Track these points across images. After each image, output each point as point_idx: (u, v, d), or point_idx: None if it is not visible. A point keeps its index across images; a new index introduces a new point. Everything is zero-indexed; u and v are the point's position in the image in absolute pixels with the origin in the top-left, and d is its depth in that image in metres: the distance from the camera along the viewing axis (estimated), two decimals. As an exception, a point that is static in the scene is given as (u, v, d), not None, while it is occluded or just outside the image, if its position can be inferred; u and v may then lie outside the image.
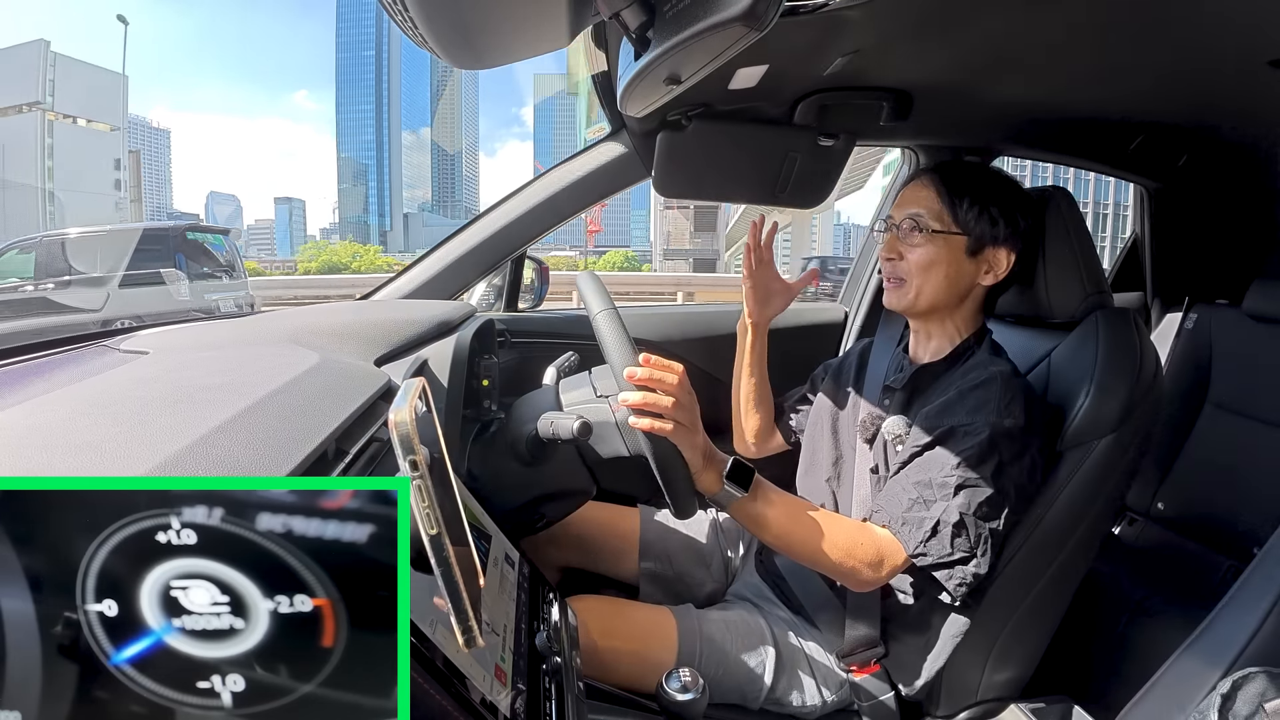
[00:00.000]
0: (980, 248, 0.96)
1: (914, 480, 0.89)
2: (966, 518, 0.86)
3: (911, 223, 0.97)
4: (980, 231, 0.95)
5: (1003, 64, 1.06)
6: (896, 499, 0.89)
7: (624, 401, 0.77)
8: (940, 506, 0.86)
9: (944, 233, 0.95)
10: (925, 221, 0.96)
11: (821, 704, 1.01)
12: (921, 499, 0.87)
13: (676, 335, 1.59)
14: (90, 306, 5.67)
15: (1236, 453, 1.51)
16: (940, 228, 0.96)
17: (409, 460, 0.42)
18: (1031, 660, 1.09)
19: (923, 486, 0.88)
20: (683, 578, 1.21)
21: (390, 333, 0.93)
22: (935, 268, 0.96)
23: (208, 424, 0.47)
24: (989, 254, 0.96)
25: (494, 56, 0.68)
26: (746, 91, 1.11)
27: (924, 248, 0.96)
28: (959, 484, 0.86)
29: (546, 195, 1.40)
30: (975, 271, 0.97)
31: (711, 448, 0.83)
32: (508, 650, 0.63)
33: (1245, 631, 0.70)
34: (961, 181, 0.97)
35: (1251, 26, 0.89)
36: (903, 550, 0.87)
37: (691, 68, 0.61)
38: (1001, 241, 0.96)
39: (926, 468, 0.89)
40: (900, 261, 0.98)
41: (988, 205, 0.95)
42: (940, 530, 0.85)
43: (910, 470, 0.91)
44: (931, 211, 0.96)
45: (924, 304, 0.98)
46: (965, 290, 0.98)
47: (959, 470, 0.86)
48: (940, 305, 0.99)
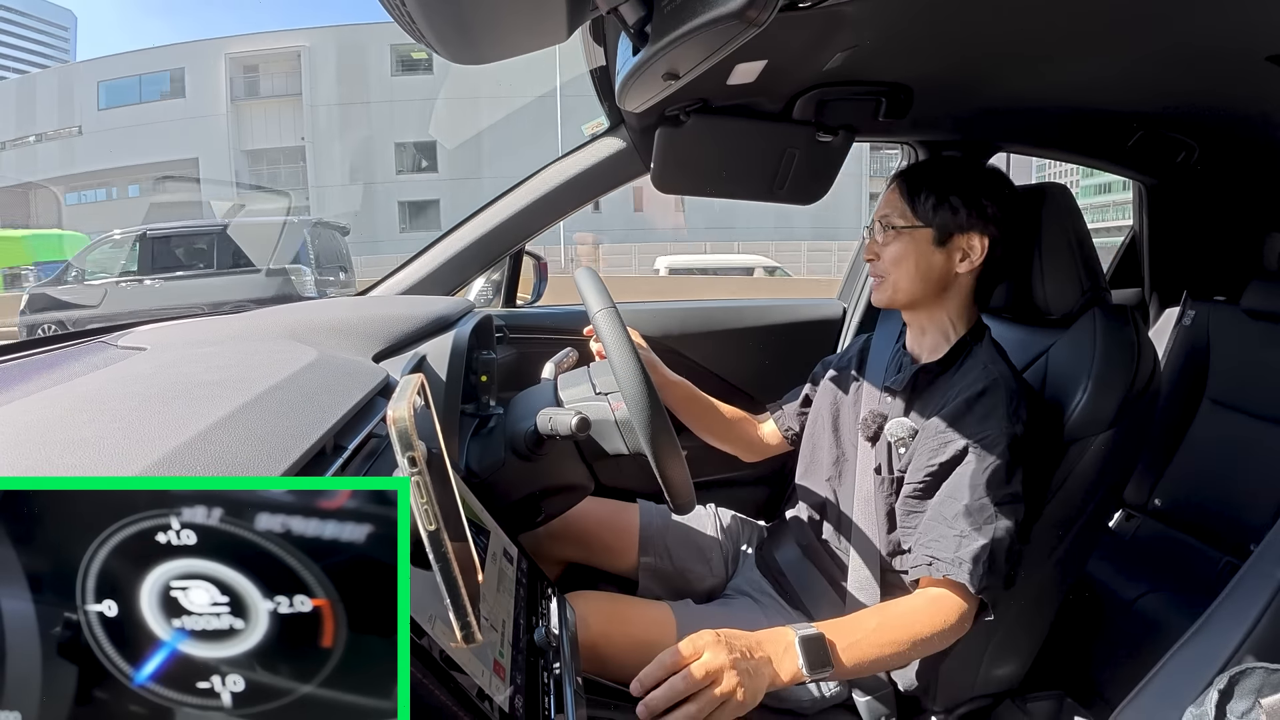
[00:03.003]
0: (947, 237, 0.98)
1: (950, 514, 0.88)
2: (1012, 536, 0.86)
3: (880, 224, 1.02)
4: (942, 221, 0.97)
5: (1001, 59, 1.06)
6: (942, 541, 0.88)
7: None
8: (989, 531, 0.85)
9: (908, 228, 0.99)
10: (891, 220, 1.00)
11: (819, 698, 1.01)
12: (965, 533, 0.86)
13: (676, 331, 1.59)
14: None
15: (1233, 449, 1.51)
16: (904, 224, 0.99)
17: (407, 456, 0.42)
18: (1028, 655, 1.09)
19: (960, 518, 0.87)
20: (682, 573, 1.21)
21: (388, 328, 0.93)
22: (905, 261, 0.99)
23: (205, 420, 0.47)
24: (959, 241, 0.98)
25: (492, 52, 0.68)
26: (745, 87, 1.11)
27: (893, 244, 1.00)
28: (998, 502, 0.86)
29: (545, 191, 1.40)
30: (948, 260, 0.98)
31: (764, 641, 0.79)
32: (507, 645, 0.63)
33: (1242, 627, 0.71)
34: (920, 178, 1.00)
35: (1250, 22, 0.89)
36: (966, 588, 0.85)
37: (690, 63, 0.61)
38: (968, 228, 0.97)
39: (957, 495, 0.88)
40: (878, 261, 1.02)
41: (946, 195, 0.97)
42: (997, 557, 0.85)
43: (941, 504, 0.90)
44: (897, 210, 1.00)
45: (902, 297, 1.01)
46: (942, 281, 1.00)
47: (990, 489, 0.87)
48: (919, 297, 1.01)
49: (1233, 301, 1.60)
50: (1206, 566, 1.45)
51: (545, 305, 1.67)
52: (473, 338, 1.05)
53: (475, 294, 1.57)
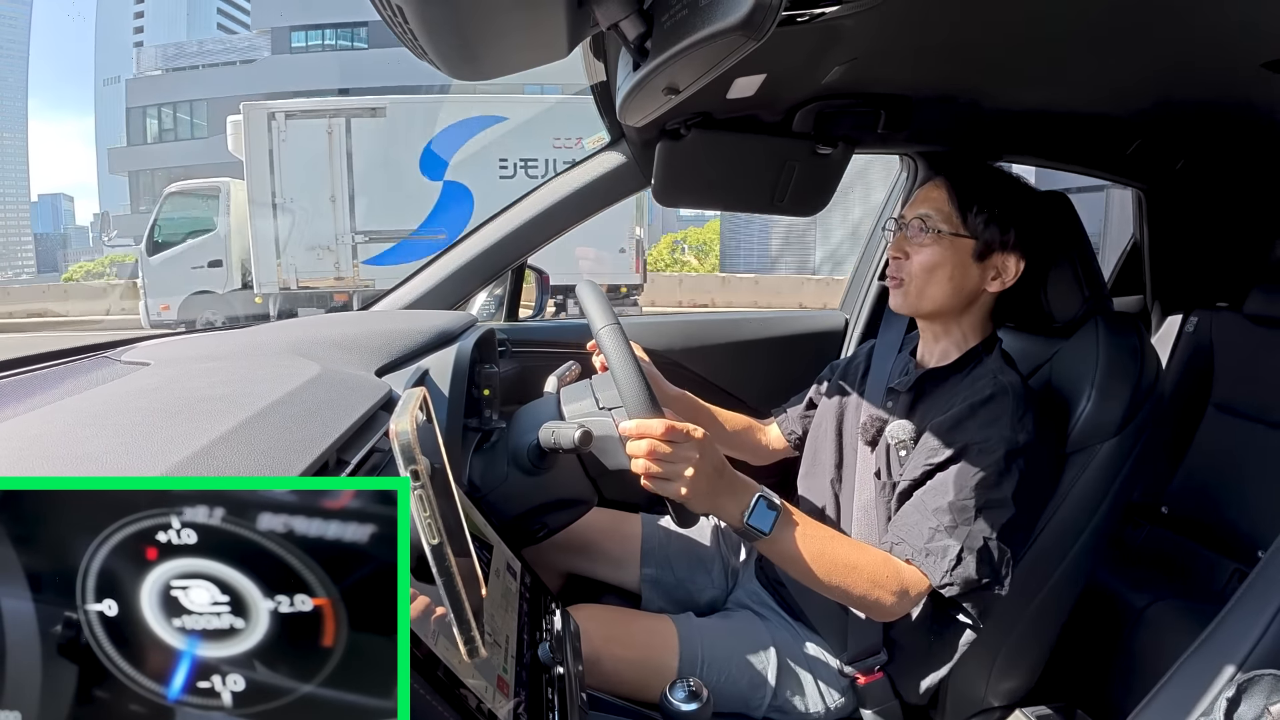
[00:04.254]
0: (988, 253, 0.95)
1: (931, 506, 0.87)
2: (990, 542, 0.84)
3: (920, 223, 0.97)
4: (989, 237, 0.94)
5: (1000, 71, 1.07)
6: (916, 529, 0.87)
7: (633, 459, 0.77)
8: (963, 532, 0.84)
9: (952, 234, 0.95)
10: (934, 223, 0.96)
11: (825, 711, 1.00)
12: (942, 527, 0.85)
13: (678, 344, 1.59)
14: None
15: (1240, 456, 1.51)
16: (948, 229, 0.95)
17: (410, 470, 0.42)
18: (1037, 666, 1.08)
19: (941, 513, 0.86)
20: (684, 584, 1.21)
21: (391, 343, 0.93)
22: (939, 269, 0.95)
23: (209, 435, 0.48)
24: (997, 260, 0.95)
25: (493, 68, 0.69)
26: (744, 100, 1.11)
27: (930, 248, 0.95)
28: (980, 505, 0.85)
29: (546, 205, 1.41)
30: (981, 277, 0.96)
31: (736, 483, 0.80)
32: (510, 660, 0.63)
33: (1252, 635, 0.70)
34: (974, 185, 0.97)
35: (1247, 29, 0.90)
36: (926, 580, 0.85)
37: (689, 77, 0.61)
38: (1011, 248, 0.95)
39: (943, 491, 0.87)
40: (905, 261, 0.98)
41: (998, 211, 0.94)
42: (965, 558, 0.84)
43: (926, 495, 0.89)
44: (941, 213, 0.96)
45: (926, 306, 0.98)
46: (970, 295, 0.97)
47: (977, 492, 0.85)
48: (943, 308, 0.98)
49: (1235, 308, 1.60)
50: (1215, 574, 1.44)
51: (547, 319, 1.68)
52: (475, 352, 1.05)
53: (477, 308, 1.58)
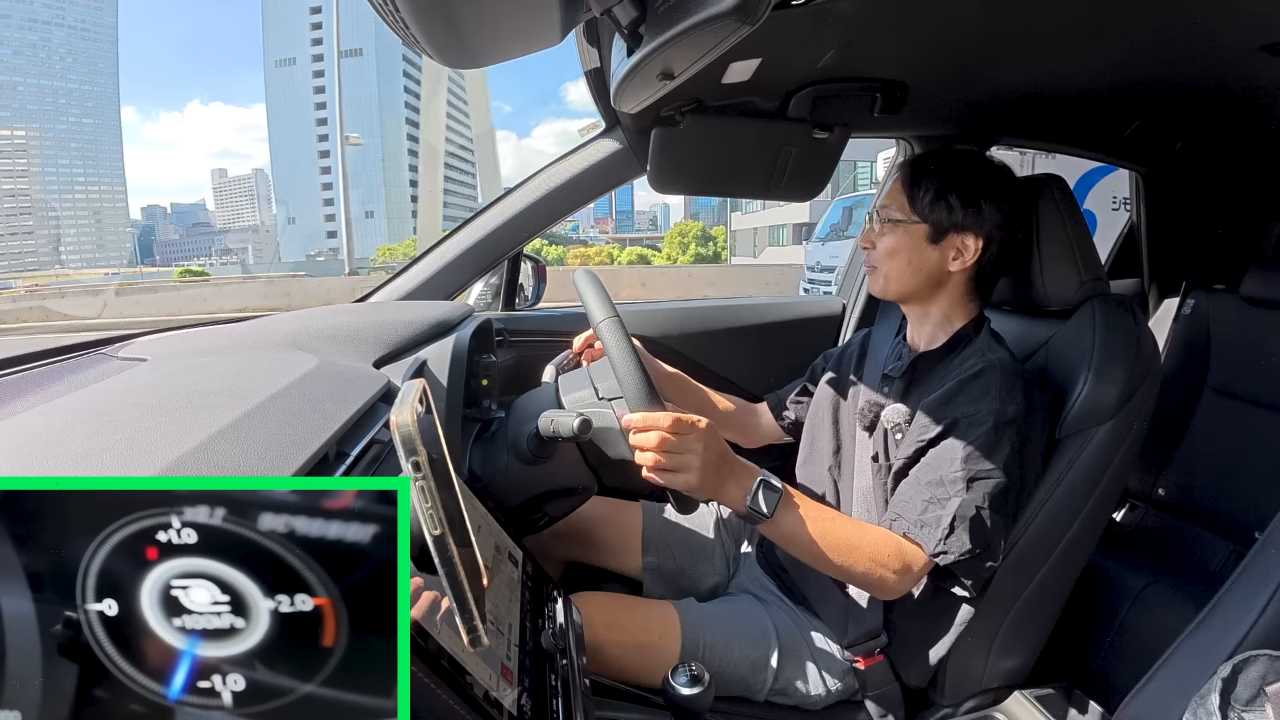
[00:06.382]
0: (941, 235, 0.97)
1: (925, 480, 0.89)
2: (982, 511, 0.86)
3: (880, 215, 1.02)
4: (937, 219, 0.97)
5: (996, 52, 1.06)
6: (910, 503, 0.90)
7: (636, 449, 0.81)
8: (955, 503, 0.86)
9: (904, 221, 0.99)
10: (888, 213, 1.00)
11: (826, 694, 1.01)
12: (935, 499, 0.87)
13: (675, 331, 1.59)
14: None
15: (1236, 437, 1.51)
16: (901, 217, 0.99)
17: (411, 461, 0.42)
18: (1035, 647, 1.09)
19: (934, 485, 0.88)
20: (685, 571, 1.21)
21: (389, 334, 0.93)
22: (898, 255, 0.99)
23: (208, 429, 0.47)
24: (953, 240, 0.97)
25: (486, 55, 0.68)
26: (740, 86, 1.11)
27: (887, 237, 1.00)
28: (970, 477, 0.87)
29: (541, 194, 1.40)
30: (941, 258, 0.98)
31: (738, 469, 0.83)
32: (513, 648, 0.63)
33: (1248, 616, 0.71)
34: (924, 171, 0.99)
35: (1245, 11, 0.89)
36: (924, 553, 0.87)
37: (684, 63, 0.61)
38: (963, 228, 0.97)
39: (935, 465, 0.89)
40: (872, 250, 1.03)
41: (946, 193, 0.96)
42: (957, 527, 0.86)
43: (920, 470, 0.91)
44: (896, 202, 1.00)
45: (893, 290, 1.02)
46: (934, 276, 0.99)
47: (968, 463, 0.87)
48: (910, 291, 1.01)
49: (1232, 289, 1.60)
50: (1212, 555, 1.45)
51: (544, 308, 1.67)
52: (473, 341, 1.05)
53: (474, 298, 1.57)
